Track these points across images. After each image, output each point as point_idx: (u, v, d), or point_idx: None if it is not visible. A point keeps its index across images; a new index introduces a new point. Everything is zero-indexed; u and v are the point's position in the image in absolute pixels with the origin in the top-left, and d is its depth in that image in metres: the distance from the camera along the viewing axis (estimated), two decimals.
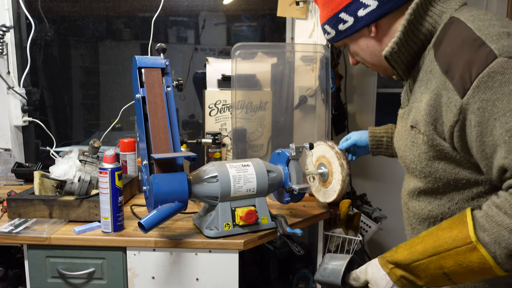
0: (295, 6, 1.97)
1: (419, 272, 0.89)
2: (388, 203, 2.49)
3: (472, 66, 0.82)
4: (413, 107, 0.98)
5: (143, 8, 2.25)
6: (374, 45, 1.02)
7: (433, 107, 0.90)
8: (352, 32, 1.01)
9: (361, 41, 1.03)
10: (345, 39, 1.05)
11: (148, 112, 1.30)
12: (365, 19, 0.98)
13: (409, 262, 0.90)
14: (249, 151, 1.94)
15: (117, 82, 2.39)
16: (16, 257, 1.73)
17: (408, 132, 1.00)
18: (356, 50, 1.06)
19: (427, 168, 0.96)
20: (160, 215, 1.22)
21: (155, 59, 1.36)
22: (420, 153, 0.96)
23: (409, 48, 0.96)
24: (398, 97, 1.15)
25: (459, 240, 0.83)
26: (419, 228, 1.06)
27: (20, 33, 2.16)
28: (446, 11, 0.94)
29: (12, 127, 2.13)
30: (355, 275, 1.00)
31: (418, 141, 0.96)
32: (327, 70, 1.87)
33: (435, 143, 0.92)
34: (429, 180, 0.97)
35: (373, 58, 1.04)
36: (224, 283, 1.36)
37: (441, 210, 0.98)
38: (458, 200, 0.95)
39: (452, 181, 0.94)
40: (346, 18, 1.00)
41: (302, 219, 1.54)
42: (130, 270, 1.37)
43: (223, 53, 2.35)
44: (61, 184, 1.56)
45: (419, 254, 0.89)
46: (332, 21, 1.03)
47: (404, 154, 1.03)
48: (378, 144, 1.43)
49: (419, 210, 1.04)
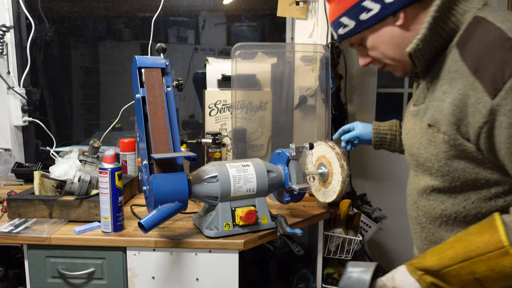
0: (295, 6, 1.97)
1: (450, 278, 0.89)
2: (388, 203, 2.49)
3: (505, 67, 0.81)
4: (432, 106, 0.97)
5: (143, 8, 2.25)
6: (399, 35, 0.96)
7: (458, 107, 0.88)
8: (376, 21, 0.95)
9: (384, 31, 0.97)
10: (364, 31, 0.99)
11: (148, 112, 1.30)
12: (394, 5, 0.92)
13: (440, 268, 0.89)
14: (249, 151, 1.94)
15: (117, 82, 2.39)
16: (16, 257, 1.73)
17: (425, 130, 0.98)
18: (376, 44, 1.00)
19: (445, 167, 0.95)
20: (160, 215, 1.22)
21: (155, 59, 1.36)
22: (438, 152, 0.95)
23: (431, 46, 0.94)
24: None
25: (491, 244, 0.83)
26: (430, 227, 1.05)
27: (20, 33, 2.16)
28: (469, 10, 0.92)
29: (12, 127, 2.13)
30: (381, 282, 0.99)
31: (436, 140, 0.95)
32: (327, 70, 1.87)
33: (457, 143, 0.91)
34: (446, 179, 0.96)
35: (396, 51, 0.98)
36: (224, 283, 1.36)
37: (455, 209, 0.97)
38: (475, 199, 0.95)
39: (470, 181, 0.93)
40: (371, 6, 0.94)
41: (302, 219, 1.54)
42: (130, 270, 1.37)
43: (223, 53, 2.35)
44: (61, 184, 1.56)
45: (450, 260, 0.88)
46: (352, 11, 0.97)
47: (417, 152, 1.02)
48: (382, 141, 1.43)
49: (430, 209, 1.03)
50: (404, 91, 2.87)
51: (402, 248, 2.68)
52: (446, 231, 1.02)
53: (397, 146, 1.41)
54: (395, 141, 1.40)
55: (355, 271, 1.00)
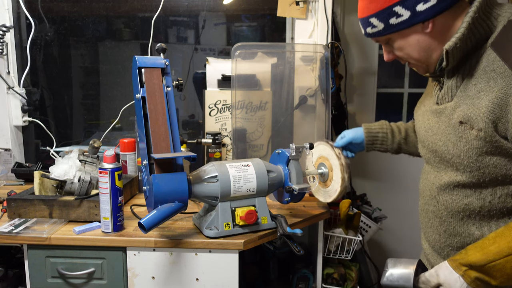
0: (295, 6, 1.97)
1: (494, 272, 0.91)
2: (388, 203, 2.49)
3: None
4: (464, 103, 0.99)
5: (143, 8, 2.25)
6: (426, 41, 1.00)
7: (498, 106, 0.92)
8: (404, 27, 0.99)
9: (412, 37, 1.01)
10: (392, 34, 1.02)
11: (148, 112, 1.30)
12: (424, 14, 0.96)
13: (485, 263, 0.91)
14: (249, 151, 1.94)
15: (117, 82, 2.39)
16: (16, 257, 1.73)
17: (454, 127, 1.01)
18: (402, 46, 1.04)
19: (476, 163, 0.98)
20: (160, 215, 1.22)
21: (155, 59, 1.36)
22: (469, 148, 0.97)
23: (466, 45, 0.97)
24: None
25: None
26: (451, 221, 1.07)
27: (20, 33, 2.16)
28: (502, 14, 0.97)
29: (12, 127, 2.13)
30: (424, 278, 1.01)
31: (468, 136, 0.98)
32: (327, 70, 1.87)
33: (494, 140, 0.94)
34: (475, 175, 0.99)
35: (421, 54, 1.03)
36: (224, 283, 1.36)
37: (480, 204, 1.01)
38: (501, 194, 0.98)
39: (500, 176, 0.97)
40: (402, 12, 0.97)
41: (302, 219, 1.54)
42: (130, 270, 1.37)
43: (223, 53, 2.35)
44: (61, 184, 1.56)
45: (494, 254, 0.91)
46: (383, 14, 1.00)
47: (443, 148, 1.04)
48: (373, 140, 1.45)
49: (452, 204, 1.05)
50: (404, 91, 2.87)
51: (402, 248, 2.68)
52: (468, 225, 1.05)
53: (388, 144, 1.42)
54: (386, 139, 1.42)
55: (397, 268, 1.02)
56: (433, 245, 1.15)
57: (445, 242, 1.10)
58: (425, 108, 1.16)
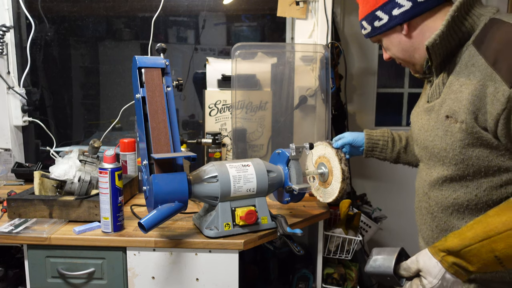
0: (295, 6, 1.97)
1: (471, 257, 0.94)
2: (388, 203, 2.49)
3: None
4: (449, 98, 1.04)
5: (143, 8, 2.25)
6: (406, 42, 1.10)
7: (477, 97, 0.96)
8: (386, 29, 1.10)
9: (394, 37, 1.11)
10: (379, 35, 1.14)
11: (148, 112, 1.30)
12: (398, 18, 1.06)
13: (461, 248, 0.94)
14: (249, 151, 1.94)
15: (117, 82, 2.39)
16: (16, 257, 1.73)
17: (441, 122, 1.06)
18: (388, 46, 1.15)
19: (460, 155, 1.02)
20: (160, 215, 1.22)
21: (155, 59, 1.36)
22: (454, 140, 1.02)
23: (448, 43, 1.03)
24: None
25: (508, 223, 0.90)
26: (441, 216, 1.10)
27: (20, 33, 2.16)
28: (485, 14, 1.02)
29: (12, 127, 2.13)
30: (406, 265, 1.03)
31: (453, 129, 1.02)
32: (327, 70, 1.87)
33: (474, 130, 0.98)
34: (459, 167, 1.03)
35: (404, 53, 1.13)
36: (224, 283, 1.37)
37: (468, 197, 1.04)
38: (486, 187, 1.02)
39: (483, 168, 1.00)
40: (382, 16, 1.09)
41: (302, 219, 1.54)
42: (130, 270, 1.37)
43: (223, 53, 2.35)
44: (61, 184, 1.56)
45: (470, 239, 0.93)
46: (369, 18, 1.13)
47: (432, 143, 1.08)
48: (373, 147, 1.46)
49: (442, 199, 1.09)
50: (404, 91, 2.87)
51: None
52: (458, 219, 1.08)
53: (388, 153, 1.45)
54: (386, 148, 1.44)
55: (380, 256, 1.05)
56: (427, 241, 1.18)
57: (437, 237, 1.13)
58: (419, 109, 1.20)
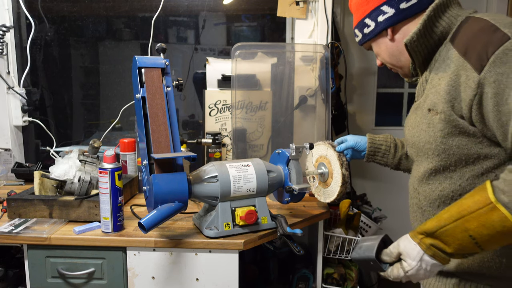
0: (295, 6, 1.97)
1: (446, 237, 0.96)
2: (388, 203, 2.49)
3: (488, 46, 0.94)
4: (431, 93, 1.10)
5: (143, 8, 2.25)
6: (391, 46, 1.17)
7: (452, 87, 1.01)
8: (373, 35, 1.18)
9: (381, 42, 1.19)
10: (369, 41, 1.22)
11: (148, 112, 1.30)
12: (383, 24, 1.14)
13: (436, 229, 0.97)
14: (249, 151, 1.94)
15: (117, 82, 2.39)
16: (16, 257, 1.73)
17: (425, 116, 1.11)
18: (378, 51, 1.22)
19: (441, 145, 1.06)
20: (160, 215, 1.22)
21: (155, 59, 1.36)
22: (435, 131, 1.07)
23: (426, 41, 1.09)
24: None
25: (480, 202, 0.92)
26: (430, 210, 1.14)
27: (20, 33, 2.16)
28: (462, 14, 1.08)
29: (12, 127, 2.13)
30: (388, 250, 1.07)
31: (434, 121, 1.07)
32: (327, 70, 1.87)
33: (452, 119, 1.02)
34: (442, 158, 1.07)
35: (391, 58, 1.20)
36: (224, 283, 1.37)
37: (452, 188, 1.08)
38: (469, 176, 1.05)
39: (464, 156, 1.04)
40: (369, 23, 1.17)
41: (302, 219, 1.54)
42: (130, 270, 1.37)
43: (223, 53, 2.35)
44: (61, 184, 1.56)
45: (445, 220, 0.96)
46: (359, 26, 1.21)
47: (418, 139, 1.13)
48: (375, 151, 1.47)
49: (429, 193, 1.13)
50: (404, 91, 2.87)
51: None
52: None
53: (389, 158, 1.46)
54: (388, 153, 1.46)
55: (365, 243, 1.09)
56: None
57: None
58: (410, 111, 1.24)
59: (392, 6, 1.12)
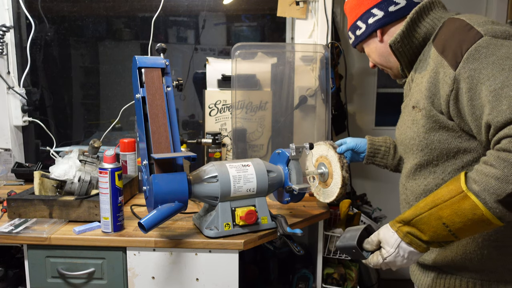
0: (295, 6, 1.97)
1: (422, 225, 0.99)
2: (388, 203, 2.49)
3: (463, 44, 1.00)
4: (415, 91, 1.15)
5: (143, 8, 2.25)
6: (380, 47, 1.23)
7: (432, 84, 1.06)
8: (364, 36, 1.24)
9: (371, 43, 1.25)
10: (361, 43, 1.27)
11: (148, 112, 1.30)
12: (373, 26, 1.20)
13: (413, 217, 1.01)
14: (249, 151, 1.94)
15: (117, 82, 2.39)
16: (16, 257, 1.73)
17: (410, 113, 1.16)
18: (369, 53, 1.28)
19: (424, 140, 1.11)
20: (160, 215, 1.22)
21: (155, 59, 1.36)
22: (418, 127, 1.11)
23: (410, 42, 1.15)
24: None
25: (452, 191, 0.96)
26: None
27: (20, 33, 2.16)
28: (445, 16, 1.13)
29: (12, 127, 2.13)
30: (370, 239, 1.11)
31: (417, 117, 1.12)
32: (327, 70, 1.87)
33: (432, 114, 1.07)
34: (425, 153, 1.12)
35: (381, 59, 1.25)
36: (224, 283, 1.37)
37: (436, 182, 1.12)
38: (451, 170, 1.10)
39: (445, 151, 1.09)
40: (361, 25, 1.23)
41: (302, 219, 1.54)
42: (130, 270, 1.37)
43: (223, 53, 2.35)
44: (61, 184, 1.56)
45: (421, 209, 1.00)
46: (352, 28, 1.27)
47: (405, 136, 1.18)
48: (375, 153, 1.48)
49: (415, 188, 1.18)
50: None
51: None
52: None
53: (389, 160, 1.48)
54: (388, 154, 1.47)
55: (349, 232, 1.14)
56: None
57: None
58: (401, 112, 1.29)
59: (382, 9, 1.18)
